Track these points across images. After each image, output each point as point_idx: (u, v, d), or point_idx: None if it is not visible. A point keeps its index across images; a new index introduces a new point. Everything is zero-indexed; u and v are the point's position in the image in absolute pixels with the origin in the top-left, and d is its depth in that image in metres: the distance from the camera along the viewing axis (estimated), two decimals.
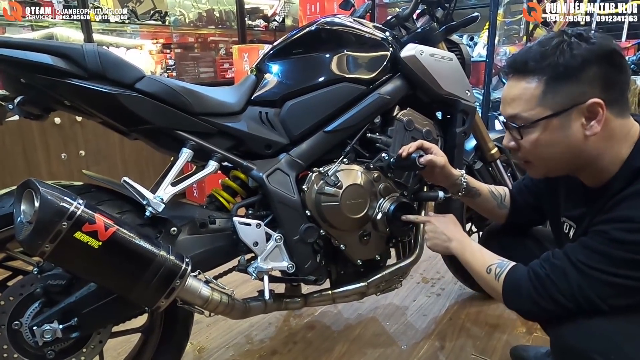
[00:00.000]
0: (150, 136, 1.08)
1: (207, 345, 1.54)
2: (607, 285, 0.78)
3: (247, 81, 1.24)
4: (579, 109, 0.80)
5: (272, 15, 3.87)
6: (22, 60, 0.89)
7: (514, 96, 0.85)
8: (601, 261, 0.78)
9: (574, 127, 0.81)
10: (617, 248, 0.76)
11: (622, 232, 0.76)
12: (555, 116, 0.81)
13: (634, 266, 0.76)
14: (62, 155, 2.40)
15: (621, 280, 0.77)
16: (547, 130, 0.82)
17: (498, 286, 0.91)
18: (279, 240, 1.13)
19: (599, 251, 0.78)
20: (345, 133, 1.23)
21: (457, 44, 1.45)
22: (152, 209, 0.97)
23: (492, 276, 0.92)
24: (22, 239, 0.79)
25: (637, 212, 0.76)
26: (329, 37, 1.25)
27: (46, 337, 0.89)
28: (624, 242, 0.76)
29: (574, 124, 0.81)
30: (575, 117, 0.80)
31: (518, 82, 0.84)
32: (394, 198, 1.24)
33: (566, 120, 0.81)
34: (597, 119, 0.79)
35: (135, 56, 3.05)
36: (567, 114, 0.80)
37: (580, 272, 0.80)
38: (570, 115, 0.80)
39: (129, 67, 1.00)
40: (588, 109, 0.79)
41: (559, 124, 0.81)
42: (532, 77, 0.82)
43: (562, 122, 0.81)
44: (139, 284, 0.87)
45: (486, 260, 0.97)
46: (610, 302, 0.78)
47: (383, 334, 1.60)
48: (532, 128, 0.83)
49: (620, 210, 0.79)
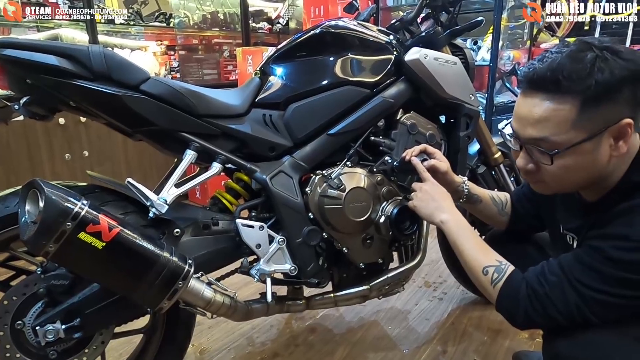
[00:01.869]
0: (155, 137, 1.08)
1: (208, 347, 1.54)
2: (604, 305, 0.77)
3: (251, 83, 1.24)
4: (610, 130, 0.74)
5: (276, 18, 3.88)
6: (28, 61, 0.89)
7: (540, 117, 0.76)
8: (597, 279, 0.76)
9: (603, 149, 0.76)
10: (613, 267, 0.75)
11: (618, 250, 0.74)
12: (589, 140, 0.75)
13: (629, 285, 0.74)
14: (66, 155, 2.41)
15: (616, 300, 0.76)
16: (578, 155, 0.76)
17: (493, 292, 0.88)
18: (282, 243, 1.13)
19: (595, 269, 0.77)
20: (349, 136, 1.23)
21: (461, 48, 1.45)
22: (155, 210, 0.97)
23: (488, 280, 0.89)
24: (27, 239, 0.79)
25: (632, 230, 0.74)
26: (333, 41, 1.25)
27: (49, 337, 0.90)
28: (620, 262, 0.74)
29: (603, 146, 0.76)
30: (605, 138, 0.75)
31: (545, 101, 0.75)
32: (397, 201, 1.24)
33: (598, 142, 0.75)
34: (625, 139, 0.75)
35: (139, 57, 3.06)
36: (599, 136, 0.75)
37: (577, 293, 0.78)
38: (602, 137, 0.75)
39: (134, 69, 1.00)
40: (619, 129, 0.74)
41: (591, 147, 0.75)
42: (565, 97, 0.73)
43: (595, 145, 0.75)
44: (142, 285, 0.87)
45: (483, 259, 0.91)
46: (605, 319, 0.78)
47: (385, 338, 1.60)
48: (565, 153, 0.76)
49: (616, 226, 0.77)
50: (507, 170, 1.64)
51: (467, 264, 0.94)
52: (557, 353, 0.82)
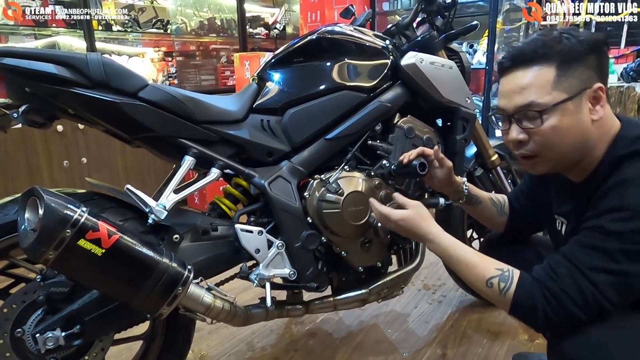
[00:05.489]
0: (153, 144, 1.08)
1: (208, 353, 1.54)
2: (616, 287, 0.77)
3: (249, 89, 1.25)
4: (587, 94, 0.83)
5: (273, 24, 3.90)
6: (27, 69, 0.90)
7: (524, 85, 0.84)
8: (603, 258, 0.77)
9: (584, 111, 0.83)
10: (616, 241, 0.76)
11: (616, 222, 0.76)
12: (571, 99, 0.82)
13: (637, 257, 0.75)
14: (64, 162, 2.41)
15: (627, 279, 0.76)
16: (564, 115, 0.83)
17: (504, 301, 0.86)
18: (281, 247, 1.13)
19: (599, 248, 0.78)
20: (347, 140, 1.24)
21: (457, 52, 1.47)
22: (154, 217, 0.98)
23: (496, 291, 0.87)
24: (27, 247, 0.79)
25: (625, 199, 0.77)
26: (330, 46, 1.26)
27: (49, 344, 0.89)
28: (622, 234, 0.76)
29: (584, 108, 0.83)
30: (584, 101, 0.83)
31: (527, 71, 0.85)
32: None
33: (578, 104, 0.83)
34: (601, 103, 0.83)
35: (137, 64, 3.07)
36: (579, 97, 0.82)
37: (589, 279, 0.78)
38: (581, 99, 0.83)
39: (133, 76, 1.01)
40: (594, 93, 0.82)
41: (573, 108, 0.83)
42: (543, 62, 0.83)
43: (576, 106, 0.83)
44: (141, 291, 0.87)
45: (483, 272, 0.89)
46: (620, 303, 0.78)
47: (384, 341, 1.60)
48: (552, 113, 0.83)
49: (608, 201, 0.79)
50: (504, 172, 1.66)
51: (468, 281, 0.93)
52: (562, 351, 0.82)
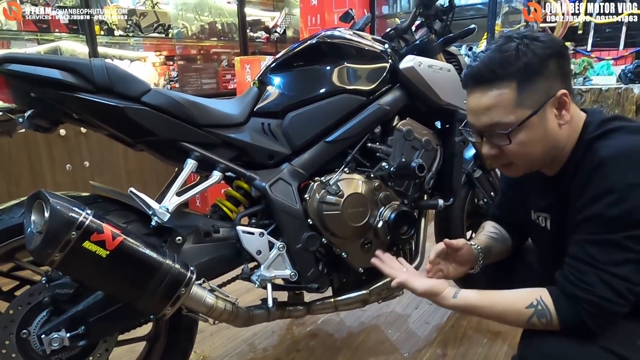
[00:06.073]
0: (156, 147, 1.10)
1: (210, 354, 1.55)
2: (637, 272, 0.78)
3: (250, 93, 1.26)
4: (550, 103, 0.85)
5: (273, 27, 3.92)
6: (32, 75, 0.92)
7: (487, 105, 0.86)
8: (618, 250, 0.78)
9: (550, 120, 0.86)
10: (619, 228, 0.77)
11: (612, 207, 0.78)
12: (535, 114, 0.84)
13: None
14: (67, 166, 2.43)
15: None
16: (531, 129, 0.85)
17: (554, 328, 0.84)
18: (282, 249, 1.14)
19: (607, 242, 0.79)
20: (346, 143, 1.25)
21: (455, 55, 1.48)
22: (157, 219, 0.99)
23: (541, 327, 0.85)
24: (33, 249, 0.81)
25: (610, 181, 0.78)
26: (330, 50, 1.28)
27: (54, 345, 0.91)
28: (621, 217, 0.77)
29: (549, 117, 0.86)
30: (549, 110, 0.85)
31: (487, 92, 0.86)
32: (395, 206, 1.26)
33: (543, 115, 0.85)
34: (566, 108, 0.86)
35: (138, 68, 3.09)
36: (542, 109, 0.85)
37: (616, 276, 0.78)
38: (545, 110, 0.85)
39: (136, 81, 1.03)
40: (558, 100, 0.85)
41: (538, 121, 0.85)
42: (502, 83, 0.84)
43: (541, 118, 0.85)
44: (145, 292, 0.89)
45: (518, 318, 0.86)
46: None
47: (385, 342, 1.61)
48: (518, 131, 0.86)
49: (594, 186, 0.80)
50: None
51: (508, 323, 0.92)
52: None
